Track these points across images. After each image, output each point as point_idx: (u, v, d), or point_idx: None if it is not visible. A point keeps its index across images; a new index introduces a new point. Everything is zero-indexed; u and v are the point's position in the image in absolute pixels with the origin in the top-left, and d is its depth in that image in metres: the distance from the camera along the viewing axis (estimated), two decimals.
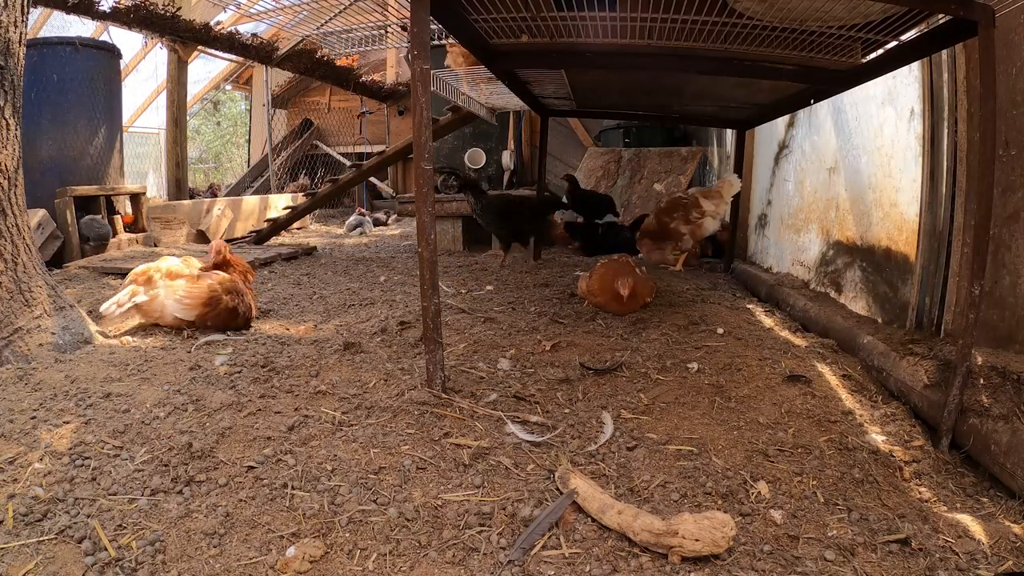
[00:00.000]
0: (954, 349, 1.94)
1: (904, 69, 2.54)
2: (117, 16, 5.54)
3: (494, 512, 1.52)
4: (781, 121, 4.21)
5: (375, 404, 2.07)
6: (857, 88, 2.85)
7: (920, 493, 1.67)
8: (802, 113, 3.85)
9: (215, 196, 8.79)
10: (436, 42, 4.75)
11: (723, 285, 4.26)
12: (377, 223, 9.10)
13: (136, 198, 5.86)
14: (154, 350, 2.58)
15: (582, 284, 3.46)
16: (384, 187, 11.35)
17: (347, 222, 8.64)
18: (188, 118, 7.80)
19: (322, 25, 6.25)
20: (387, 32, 6.29)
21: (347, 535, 1.44)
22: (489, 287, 4.03)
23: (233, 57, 9.05)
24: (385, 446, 1.81)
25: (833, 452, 1.82)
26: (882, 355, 2.35)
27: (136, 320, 2.92)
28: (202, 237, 6.45)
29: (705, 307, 3.43)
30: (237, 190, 10.97)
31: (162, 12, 5.80)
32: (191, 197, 8.70)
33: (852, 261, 3.17)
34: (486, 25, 2.66)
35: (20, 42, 2.45)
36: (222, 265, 3.12)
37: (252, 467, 1.67)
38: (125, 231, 5.65)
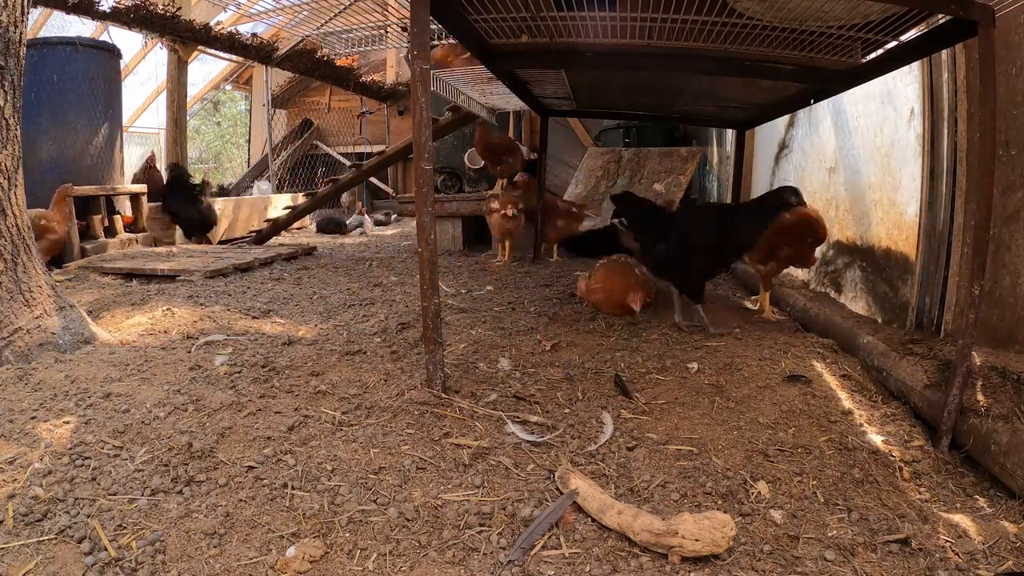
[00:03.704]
0: (954, 349, 1.94)
1: (904, 69, 2.54)
2: (117, 16, 5.54)
3: (494, 512, 1.52)
4: (781, 121, 4.20)
5: (375, 404, 2.07)
6: (857, 88, 2.85)
7: (920, 493, 1.67)
8: (802, 113, 3.85)
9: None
10: (436, 42, 4.75)
11: (723, 285, 4.27)
12: (378, 223, 9.08)
13: (136, 198, 5.86)
14: (154, 350, 2.58)
15: (582, 284, 3.46)
16: (385, 187, 11.36)
17: (347, 222, 8.64)
18: (188, 118, 7.79)
19: (322, 25, 6.26)
20: (387, 32, 6.29)
21: (347, 535, 1.44)
22: (489, 287, 4.04)
23: (233, 57, 9.04)
24: (385, 446, 1.81)
25: (833, 452, 1.82)
26: (882, 355, 2.35)
27: None
28: (202, 237, 6.44)
29: (705, 307, 3.42)
30: (237, 190, 10.97)
31: (162, 12, 5.80)
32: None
33: (852, 261, 3.17)
34: (486, 25, 2.66)
35: (20, 42, 2.45)
36: None
37: (252, 467, 1.67)
38: (125, 231, 5.65)
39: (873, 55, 2.50)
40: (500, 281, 4.25)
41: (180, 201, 6.03)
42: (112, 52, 5.74)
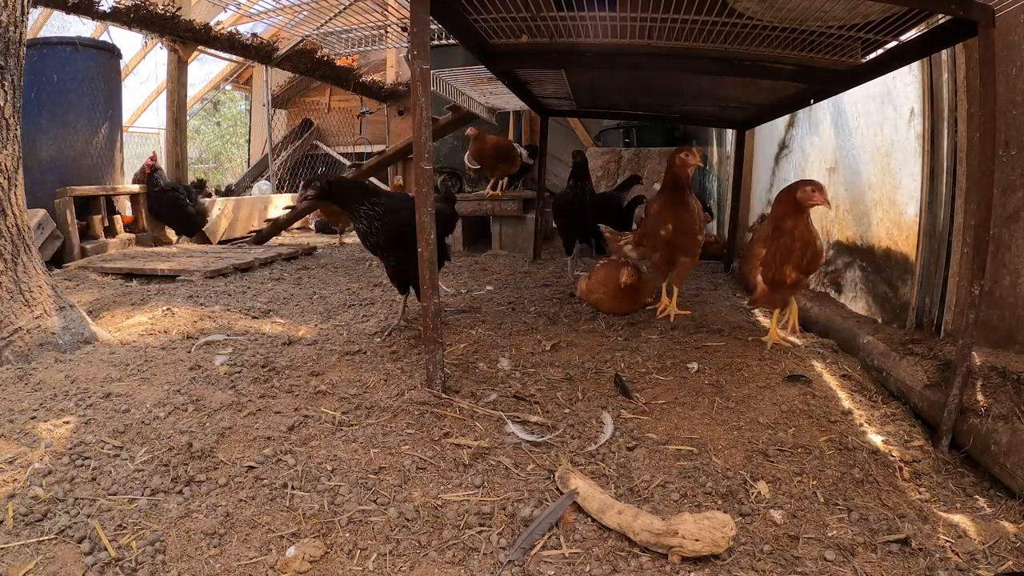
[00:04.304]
0: (954, 349, 1.94)
1: (904, 69, 2.54)
2: (117, 16, 5.53)
3: (494, 512, 1.52)
4: (781, 121, 4.20)
5: (375, 404, 2.07)
6: (857, 88, 2.85)
7: (920, 493, 1.67)
8: (802, 113, 3.85)
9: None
10: (436, 42, 4.75)
11: (723, 285, 4.27)
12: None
13: (136, 198, 5.86)
14: (154, 350, 2.58)
15: (582, 284, 3.46)
16: (384, 187, 11.35)
17: None
18: (188, 118, 7.78)
19: (322, 25, 6.25)
20: (387, 32, 6.29)
21: (347, 535, 1.44)
22: (489, 287, 4.04)
23: (233, 57, 9.04)
24: (385, 446, 1.81)
25: (833, 452, 1.82)
26: (882, 355, 2.35)
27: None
28: (202, 237, 6.44)
29: (705, 307, 3.43)
30: (238, 190, 10.96)
31: (162, 12, 5.79)
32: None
33: (852, 261, 3.17)
34: (486, 25, 2.66)
35: (20, 42, 2.45)
36: None
37: (252, 467, 1.67)
38: (125, 231, 5.65)
39: (873, 55, 2.50)
40: (500, 281, 4.25)
41: (165, 208, 6.06)
42: (112, 52, 5.74)
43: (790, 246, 2.43)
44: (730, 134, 5.28)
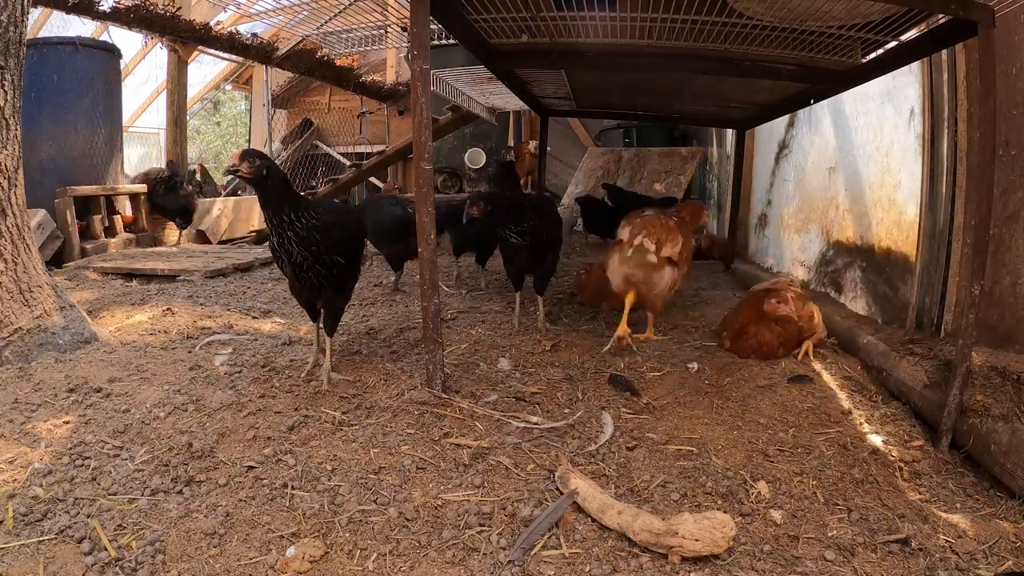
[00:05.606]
0: (954, 349, 1.94)
1: (904, 69, 2.54)
2: (117, 16, 5.53)
3: (494, 512, 1.52)
4: (781, 121, 4.20)
5: (375, 404, 2.07)
6: (857, 88, 2.85)
7: (920, 493, 1.67)
8: (802, 113, 3.85)
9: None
10: (436, 42, 4.75)
11: (723, 285, 4.27)
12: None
13: (136, 198, 5.86)
14: (154, 350, 2.58)
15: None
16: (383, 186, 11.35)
17: None
18: (188, 118, 7.78)
19: (322, 25, 6.25)
20: (387, 32, 6.29)
21: (347, 535, 1.44)
22: (489, 287, 4.03)
23: (233, 57, 9.04)
24: (385, 446, 1.81)
25: (833, 452, 1.82)
26: (882, 355, 2.35)
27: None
28: (202, 237, 6.44)
29: (705, 307, 3.43)
30: (236, 190, 10.96)
31: (162, 12, 5.79)
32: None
33: (852, 261, 3.17)
34: (486, 25, 2.66)
35: (20, 42, 2.45)
36: None
37: (252, 467, 1.67)
38: (125, 231, 5.65)
39: (873, 55, 2.50)
40: (500, 282, 4.25)
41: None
42: (112, 52, 5.74)
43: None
44: (730, 134, 5.27)
